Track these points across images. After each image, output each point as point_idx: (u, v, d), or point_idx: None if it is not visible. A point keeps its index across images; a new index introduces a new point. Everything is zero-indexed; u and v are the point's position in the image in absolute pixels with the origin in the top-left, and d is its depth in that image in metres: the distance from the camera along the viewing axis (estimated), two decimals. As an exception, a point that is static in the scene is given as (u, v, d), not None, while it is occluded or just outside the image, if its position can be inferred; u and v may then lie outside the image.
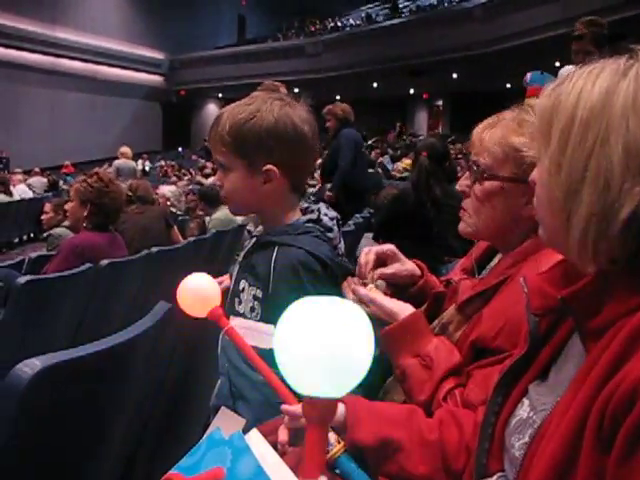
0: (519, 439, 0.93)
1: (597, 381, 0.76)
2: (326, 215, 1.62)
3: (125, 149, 11.24)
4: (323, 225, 1.60)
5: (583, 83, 0.84)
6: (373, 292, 1.50)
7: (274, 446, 1.13)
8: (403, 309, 1.45)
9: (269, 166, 1.51)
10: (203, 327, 1.43)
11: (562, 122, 0.83)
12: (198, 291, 1.34)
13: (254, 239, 1.65)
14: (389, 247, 1.63)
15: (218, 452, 1.06)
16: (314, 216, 1.60)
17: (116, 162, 11.15)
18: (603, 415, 0.72)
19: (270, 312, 1.51)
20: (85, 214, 3.82)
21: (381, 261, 1.61)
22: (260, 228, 1.69)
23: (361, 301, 1.49)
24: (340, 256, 1.64)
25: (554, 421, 0.83)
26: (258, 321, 1.52)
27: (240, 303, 1.57)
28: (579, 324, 0.86)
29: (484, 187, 1.42)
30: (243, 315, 1.55)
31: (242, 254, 1.66)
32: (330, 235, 1.60)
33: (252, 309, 1.54)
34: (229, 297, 1.61)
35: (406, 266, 1.64)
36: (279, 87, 2.64)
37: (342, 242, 1.68)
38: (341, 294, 1.56)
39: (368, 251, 1.61)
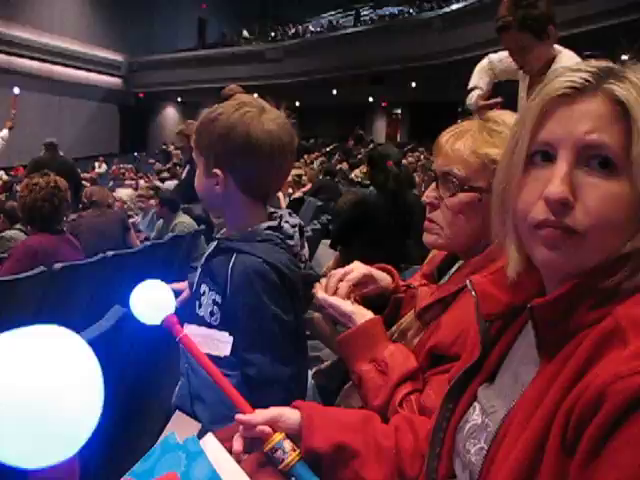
0: (474, 444, 0.93)
1: (563, 388, 0.76)
2: (287, 222, 1.62)
3: None
4: (283, 232, 1.59)
5: None
6: (332, 296, 1.51)
7: (230, 453, 1.13)
8: (362, 314, 1.46)
9: (216, 170, 1.53)
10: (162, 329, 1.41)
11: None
12: (151, 299, 1.32)
13: (215, 242, 1.64)
14: (364, 272, 1.60)
15: (172, 457, 1.05)
16: (274, 223, 1.59)
17: None
18: (568, 420, 0.72)
19: (227, 318, 1.51)
20: (23, 217, 3.80)
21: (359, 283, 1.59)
22: (224, 230, 1.69)
23: (320, 305, 1.49)
24: (303, 262, 1.64)
25: (515, 427, 0.83)
26: (217, 325, 1.52)
27: (200, 307, 1.57)
28: (540, 332, 0.85)
29: (460, 199, 1.38)
30: (203, 319, 1.55)
31: (204, 257, 1.65)
32: (290, 242, 1.60)
33: (212, 313, 1.53)
34: (191, 299, 1.62)
35: (382, 283, 1.64)
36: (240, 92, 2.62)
37: (306, 248, 1.69)
38: (300, 303, 1.58)
39: (343, 275, 1.56)
